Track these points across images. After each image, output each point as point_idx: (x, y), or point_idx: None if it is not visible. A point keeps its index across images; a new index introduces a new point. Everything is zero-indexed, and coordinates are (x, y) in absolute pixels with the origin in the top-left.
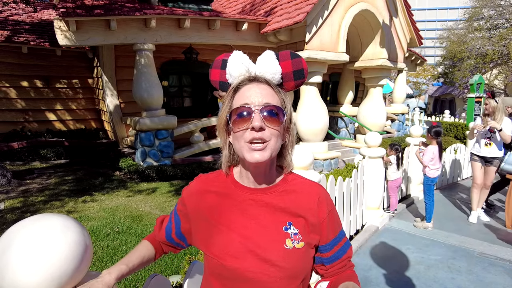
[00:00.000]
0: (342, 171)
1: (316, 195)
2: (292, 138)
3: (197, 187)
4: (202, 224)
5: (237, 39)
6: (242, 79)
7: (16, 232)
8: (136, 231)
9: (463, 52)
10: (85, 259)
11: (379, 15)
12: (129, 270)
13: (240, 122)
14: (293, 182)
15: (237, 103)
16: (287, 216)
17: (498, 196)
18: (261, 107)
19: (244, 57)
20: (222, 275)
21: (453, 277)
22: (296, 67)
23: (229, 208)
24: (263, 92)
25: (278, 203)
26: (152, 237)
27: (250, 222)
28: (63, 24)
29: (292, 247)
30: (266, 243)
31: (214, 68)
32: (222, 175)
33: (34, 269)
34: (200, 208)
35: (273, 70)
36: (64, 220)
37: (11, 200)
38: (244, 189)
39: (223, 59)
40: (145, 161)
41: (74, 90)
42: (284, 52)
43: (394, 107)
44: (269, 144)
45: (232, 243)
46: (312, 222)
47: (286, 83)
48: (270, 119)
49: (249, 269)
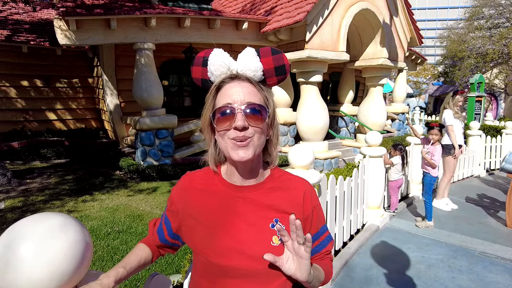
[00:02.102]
0: (342, 170)
1: (301, 192)
2: (276, 134)
3: (184, 185)
4: (190, 222)
5: (237, 38)
6: (224, 77)
7: (16, 231)
8: (137, 231)
9: (464, 51)
10: (86, 258)
11: (379, 14)
12: (127, 273)
13: (223, 121)
14: (280, 178)
15: (220, 102)
16: (274, 213)
17: (498, 196)
18: (244, 106)
19: (225, 55)
20: (209, 272)
21: (453, 277)
22: (277, 63)
23: (216, 206)
24: (245, 91)
25: (265, 200)
26: (147, 240)
27: (237, 220)
28: (63, 23)
29: (278, 244)
30: (252, 240)
31: (195, 66)
32: (209, 173)
33: (35, 267)
34: (187, 205)
35: (254, 68)
36: (64, 219)
37: (11, 199)
38: (231, 187)
39: (204, 57)
40: (146, 160)
41: (74, 89)
42: (264, 49)
43: (394, 107)
44: (252, 141)
45: (219, 241)
46: (299, 218)
47: (268, 79)
48: (253, 117)
49: (235, 266)
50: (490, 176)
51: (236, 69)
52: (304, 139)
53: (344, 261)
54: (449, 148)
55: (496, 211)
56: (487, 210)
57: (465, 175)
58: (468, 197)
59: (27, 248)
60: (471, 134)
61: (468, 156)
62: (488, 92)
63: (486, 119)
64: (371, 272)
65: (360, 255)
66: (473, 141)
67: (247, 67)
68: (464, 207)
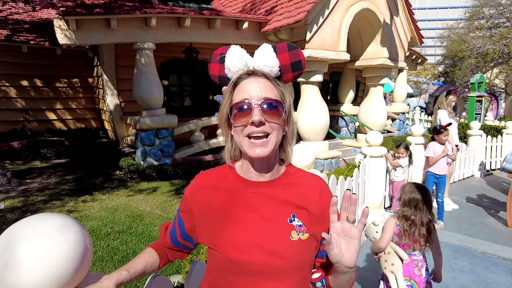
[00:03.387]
0: (343, 170)
1: (317, 187)
2: (292, 130)
3: (199, 184)
4: (206, 220)
5: (237, 38)
6: (241, 73)
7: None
8: (137, 231)
9: (464, 51)
10: (85, 259)
11: (380, 14)
12: (130, 276)
13: (240, 117)
14: (295, 175)
15: (237, 98)
16: (291, 208)
17: (499, 196)
18: (260, 101)
19: (242, 51)
20: (227, 270)
21: (455, 277)
22: (294, 59)
23: (233, 203)
24: (262, 86)
25: (282, 196)
26: (156, 245)
27: (254, 216)
28: (63, 23)
29: (297, 239)
30: (271, 235)
31: (213, 63)
32: (223, 171)
33: (34, 269)
34: (203, 204)
35: (270, 63)
36: (64, 220)
37: (11, 199)
38: (247, 183)
39: (221, 54)
40: (146, 160)
41: (74, 89)
42: (281, 45)
43: (394, 106)
44: (271, 138)
45: (237, 237)
46: (315, 214)
47: (285, 75)
48: (270, 113)
49: (255, 262)
50: (491, 176)
51: (253, 65)
52: (305, 139)
53: None
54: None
55: (496, 211)
56: (488, 210)
57: (465, 175)
58: (469, 197)
59: (26, 249)
60: (471, 134)
61: (469, 156)
62: (489, 92)
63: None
64: (371, 272)
65: (361, 255)
66: (473, 141)
67: (264, 63)
68: (464, 207)
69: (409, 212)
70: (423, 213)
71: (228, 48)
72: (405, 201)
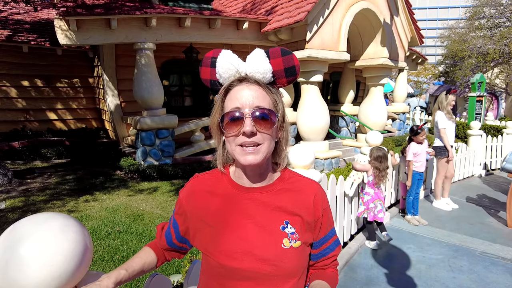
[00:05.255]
0: (343, 170)
1: (312, 194)
2: (286, 135)
3: (193, 188)
4: (199, 225)
5: (237, 38)
6: (232, 80)
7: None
8: (137, 231)
9: (464, 51)
10: (86, 258)
11: (380, 14)
12: (128, 275)
13: (231, 126)
14: (290, 180)
15: (228, 106)
16: (284, 215)
17: (499, 196)
18: (252, 111)
19: (233, 56)
20: (219, 274)
21: (454, 277)
22: (288, 64)
23: (225, 208)
24: (254, 94)
25: (275, 202)
26: (154, 244)
27: (247, 222)
28: (64, 23)
29: (289, 247)
30: (263, 243)
31: (204, 66)
32: (217, 175)
33: (35, 268)
34: (197, 208)
35: (263, 70)
36: (64, 219)
37: (12, 199)
38: (240, 189)
39: (212, 57)
40: (146, 160)
41: (75, 89)
42: (274, 50)
43: (395, 106)
44: (262, 147)
45: (230, 245)
46: (308, 221)
47: (278, 80)
48: (262, 122)
49: (247, 269)
50: (491, 176)
51: (245, 71)
52: (305, 139)
53: (345, 261)
54: (441, 149)
55: (496, 211)
56: (488, 210)
57: (465, 175)
58: (469, 197)
59: (27, 248)
60: (471, 134)
61: (469, 156)
62: (489, 92)
63: (487, 118)
64: (371, 272)
65: (361, 255)
66: (473, 141)
67: (256, 69)
68: (464, 207)
69: (377, 164)
70: (384, 164)
71: (220, 51)
72: (374, 157)
